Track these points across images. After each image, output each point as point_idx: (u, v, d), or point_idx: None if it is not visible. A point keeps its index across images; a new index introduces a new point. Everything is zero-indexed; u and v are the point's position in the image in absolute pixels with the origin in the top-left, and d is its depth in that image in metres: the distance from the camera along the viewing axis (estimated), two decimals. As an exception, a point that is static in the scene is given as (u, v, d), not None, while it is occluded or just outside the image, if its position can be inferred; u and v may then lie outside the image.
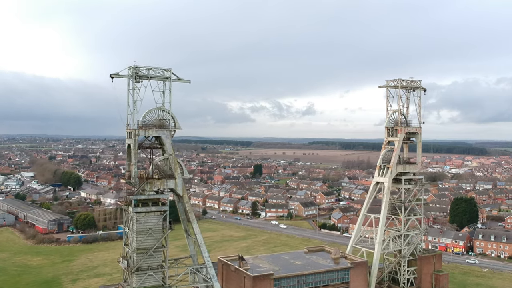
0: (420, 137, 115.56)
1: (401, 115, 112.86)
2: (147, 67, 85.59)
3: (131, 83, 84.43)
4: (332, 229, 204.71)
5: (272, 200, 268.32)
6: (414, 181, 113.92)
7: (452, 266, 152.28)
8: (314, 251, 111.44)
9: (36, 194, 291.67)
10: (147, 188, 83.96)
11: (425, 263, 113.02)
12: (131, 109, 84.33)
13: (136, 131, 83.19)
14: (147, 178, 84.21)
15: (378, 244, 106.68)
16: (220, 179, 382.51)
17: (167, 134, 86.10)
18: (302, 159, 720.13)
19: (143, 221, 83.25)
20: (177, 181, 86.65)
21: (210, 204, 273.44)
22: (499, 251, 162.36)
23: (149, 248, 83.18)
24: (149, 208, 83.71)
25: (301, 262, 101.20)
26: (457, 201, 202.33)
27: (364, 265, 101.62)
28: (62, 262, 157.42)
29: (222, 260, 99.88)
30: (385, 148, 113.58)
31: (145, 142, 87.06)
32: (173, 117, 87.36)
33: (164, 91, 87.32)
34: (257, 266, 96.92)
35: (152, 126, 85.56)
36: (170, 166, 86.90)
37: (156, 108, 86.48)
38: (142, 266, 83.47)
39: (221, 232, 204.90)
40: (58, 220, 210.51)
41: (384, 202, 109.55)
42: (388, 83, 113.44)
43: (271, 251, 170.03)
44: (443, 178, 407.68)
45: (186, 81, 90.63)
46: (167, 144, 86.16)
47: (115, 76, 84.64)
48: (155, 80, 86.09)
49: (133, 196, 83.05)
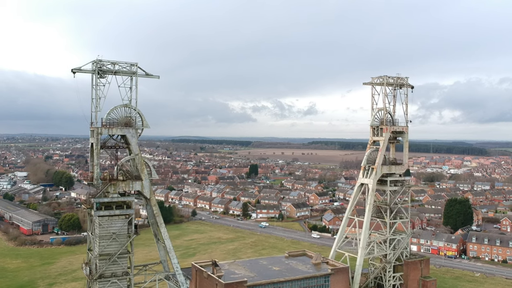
0: (407, 136, 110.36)
1: (387, 113, 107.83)
2: (111, 62, 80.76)
3: (95, 78, 79.91)
4: (323, 231, 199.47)
5: (265, 201, 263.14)
6: (400, 182, 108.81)
7: (444, 270, 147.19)
8: (295, 255, 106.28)
9: (25, 194, 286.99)
10: (110, 190, 79.21)
11: (412, 269, 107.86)
12: (95, 106, 79.65)
13: (98, 130, 78.34)
14: (110, 179, 79.39)
15: (362, 249, 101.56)
16: (215, 179, 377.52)
17: (133, 132, 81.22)
18: (300, 159, 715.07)
19: (106, 226, 78.40)
20: (143, 183, 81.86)
21: (202, 205, 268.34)
22: (493, 255, 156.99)
23: (113, 254, 78.36)
24: (112, 211, 78.86)
25: (280, 268, 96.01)
26: (451, 203, 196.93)
27: (346, 271, 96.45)
28: (41, 265, 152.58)
29: (195, 266, 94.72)
30: (370, 148, 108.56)
31: (109, 141, 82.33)
32: (141, 114, 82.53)
33: (131, 87, 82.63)
34: (232, 273, 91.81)
35: (117, 124, 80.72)
36: (137, 167, 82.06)
37: (122, 105, 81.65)
38: (106, 273, 78.64)
39: (209, 234, 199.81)
40: (43, 221, 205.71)
41: (368, 204, 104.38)
42: (374, 80, 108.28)
43: (258, 253, 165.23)
44: (441, 179, 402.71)
45: (155, 76, 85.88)
46: (133, 143, 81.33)
47: (77, 71, 79.84)
48: (120, 75, 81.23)
49: (95, 199, 78.27)
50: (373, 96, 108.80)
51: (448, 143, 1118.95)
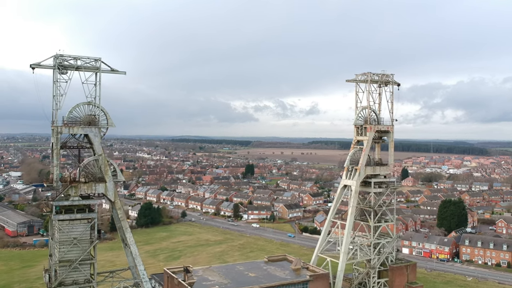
0: (392, 136, 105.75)
1: (371, 112, 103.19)
2: (74, 56, 76.29)
3: (55, 74, 75.51)
4: (314, 232, 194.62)
5: (257, 201, 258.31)
6: (385, 184, 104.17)
7: (435, 274, 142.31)
8: (274, 260, 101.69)
9: (15, 195, 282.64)
10: (71, 193, 74.68)
11: (398, 274, 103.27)
12: (55, 104, 75.20)
13: (57, 129, 73.84)
14: (71, 181, 74.87)
15: (343, 254, 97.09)
16: (209, 180, 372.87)
17: (95, 131, 76.63)
18: (299, 158, 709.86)
19: (66, 230, 74.04)
20: (107, 185, 77.30)
21: (193, 206, 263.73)
22: (486, 258, 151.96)
23: (74, 260, 73.91)
24: (73, 215, 74.43)
25: (256, 274, 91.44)
26: (445, 204, 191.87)
27: (326, 278, 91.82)
28: (21, 269, 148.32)
29: (167, 272, 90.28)
30: (354, 148, 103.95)
31: (71, 141, 77.86)
32: (105, 112, 77.95)
33: (96, 83, 78.13)
34: (205, 279, 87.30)
35: (79, 123, 76.23)
36: (100, 168, 77.52)
37: (85, 102, 77.15)
38: (66, 281, 74.28)
39: (197, 236, 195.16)
40: (28, 223, 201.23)
41: (351, 207, 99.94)
42: (357, 77, 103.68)
43: (246, 256, 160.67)
44: (439, 179, 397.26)
45: (121, 72, 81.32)
46: (96, 143, 76.78)
47: (36, 67, 75.39)
48: (82, 71, 76.72)
49: (54, 202, 73.95)
50: (357, 94, 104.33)
51: (449, 143, 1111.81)
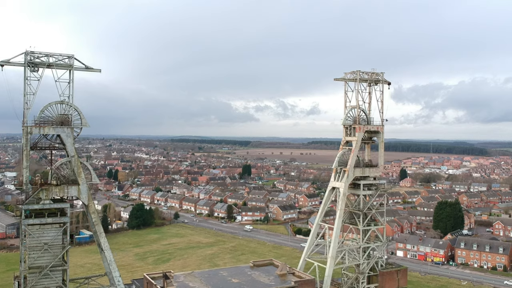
0: (382, 136, 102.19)
1: (360, 111, 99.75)
2: (45, 53, 73.01)
3: (26, 72, 72.26)
4: (307, 234, 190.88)
5: (252, 202, 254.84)
6: (375, 186, 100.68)
7: (429, 278, 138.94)
8: (260, 265, 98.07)
9: (8, 196, 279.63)
10: (42, 196, 71.32)
11: (388, 280, 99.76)
12: (26, 103, 71.90)
13: (27, 129, 70.51)
14: (41, 184, 71.55)
15: (331, 258, 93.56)
16: (205, 180, 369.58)
17: (68, 132, 73.18)
18: (299, 159, 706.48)
19: (37, 235, 70.55)
20: (80, 188, 73.93)
21: (187, 207, 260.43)
22: (482, 261, 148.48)
23: (45, 267, 70.56)
24: (44, 219, 71.01)
25: (239, 280, 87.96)
26: (441, 205, 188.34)
27: (311, 284, 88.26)
28: (5, 272, 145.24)
29: (147, 278, 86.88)
30: (343, 148, 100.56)
31: (42, 142, 74.53)
32: (79, 112, 74.56)
33: (69, 81, 74.83)
34: (185, 286, 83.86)
35: (51, 123, 72.90)
36: (73, 170, 74.19)
37: (57, 101, 73.77)
38: (36, 288, 70.83)
39: (189, 238, 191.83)
40: (17, 224, 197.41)
41: (339, 210, 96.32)
42: (346, 76, 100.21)
43: (237, 259, 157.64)
44: (438, 179, 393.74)
45: (96, 70, 77.98)
46: (68, 144, 73.34)
47: (5, 64, 72.07)
48: (54, 68, 73.41)
49: (23, 206, 70.50)
50: (346, 93, 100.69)
51: (449, 143, 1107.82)
